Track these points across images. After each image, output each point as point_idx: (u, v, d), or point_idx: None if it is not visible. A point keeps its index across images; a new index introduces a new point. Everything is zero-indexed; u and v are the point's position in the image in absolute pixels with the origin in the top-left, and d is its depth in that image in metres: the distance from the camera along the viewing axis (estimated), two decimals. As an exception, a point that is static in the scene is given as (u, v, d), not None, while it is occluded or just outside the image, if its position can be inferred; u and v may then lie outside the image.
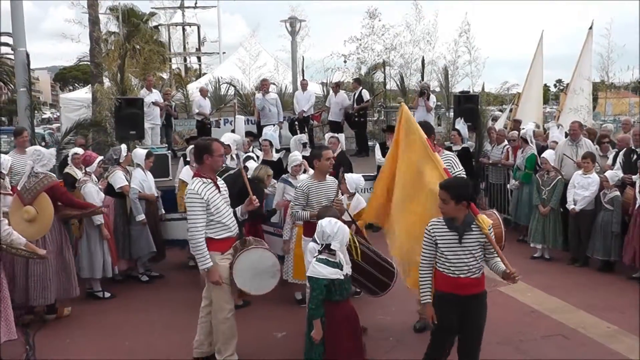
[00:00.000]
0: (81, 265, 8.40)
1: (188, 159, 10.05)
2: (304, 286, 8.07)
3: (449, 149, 10.72)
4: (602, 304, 7.92)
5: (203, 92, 17.20)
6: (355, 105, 16.88)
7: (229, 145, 11.04)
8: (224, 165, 7.90)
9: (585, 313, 7.68)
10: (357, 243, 6.35)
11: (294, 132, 16.50)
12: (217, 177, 6.20)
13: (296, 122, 17.05)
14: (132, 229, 9.08)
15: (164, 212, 9.74)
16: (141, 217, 9.04)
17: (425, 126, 6.77)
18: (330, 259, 5.22)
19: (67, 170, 9.30)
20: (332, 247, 5.19)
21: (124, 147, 9.56)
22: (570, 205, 9.82)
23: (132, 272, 9.53)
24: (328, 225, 5.21)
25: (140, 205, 9.11)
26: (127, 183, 9.02)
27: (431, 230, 5.16)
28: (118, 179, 9.01)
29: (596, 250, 9.57)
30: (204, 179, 5.92)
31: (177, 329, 7.37)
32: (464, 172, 6.89)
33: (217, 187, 6.00)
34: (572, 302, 7.97)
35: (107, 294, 8.66)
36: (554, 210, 10.18)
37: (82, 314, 7.98)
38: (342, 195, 7.41)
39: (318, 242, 5.31)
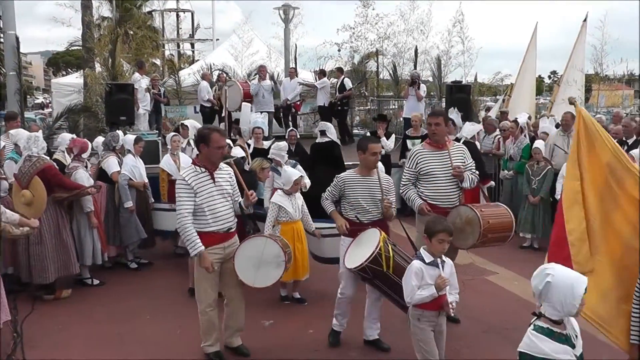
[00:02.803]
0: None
1: (169, 146, 10.01)
2: (289, 283, 7.80)
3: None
4: (589, 293, 7.92)
5: (207, 77, 17.13)
6: (337, 93, 16.89)
7: (187, 126, 11.28)
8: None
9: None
10: (390, 253, 5.68)
11: (278, 120, 16.56)
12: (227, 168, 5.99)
13: (281, 110, 17.09)
14: (121, 215, 9.03)
15: (152, 200, 9.66)
16: (129, 203, 8.97)
17: (442, 114, 6.64)
18: (554, 330, 3.51)
19: (55, 155, 9.25)
20: (543, 312, 3.54)
21: (121, 134, 9.53)
22: (559, 195, 9.79)
23: (121, 259, 9.50)
24: (549, 278, 3.48)
25: (129, 191, 9.05)
26: (119, 169, 8.99)
27: None
28: (112, 164, 8.99)
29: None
30: (198, 168, 5.74)
31: (166, 316, 7.39)
32: (474, 166, 6.76)
33: (212, 178, 5.78)
34: (560, 292, 7.95)
35: (96, 281, 8.62)
36: (544, 200, 10.21)
37: (70, 301, 7.97)
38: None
39: (537, 298, 3.59)
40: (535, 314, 3.55)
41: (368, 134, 12.85)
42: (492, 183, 11.34)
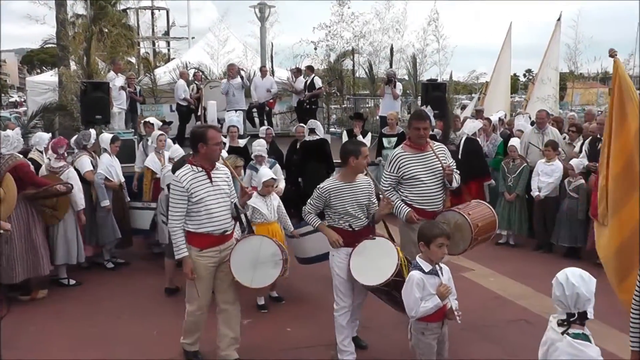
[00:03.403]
0: (56, 252, 8.25)
1: (154, 144, 9.95)
2: (266, 289, 7.39)
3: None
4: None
5: (184, 76, 17.04)
6: (307, 92, 16.91)
7: (152, 124, 11.33)
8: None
9: (549, 298, 7.70)
10: (404, 261, 5.48)
11: (251, 119, 16.52)
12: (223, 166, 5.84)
13: (254, 109, 17.04)
14: (98, 215, 8.97)
15: (129, 199, 9.63)
16: (106, 202, 8.92)
17: (429, 118, 6.50)
18: (586, 333, 3.42)
19: (31, 155, 9.16)
20: (589, 315, 3.42)
21: (93, 132, 9.43)
22: (534, 192, 9.92)
23: (98, 259, 9.42)
24: (581, 281, 3.36)
25: (106, 190, 8.98)
26: (92, 168, 8.91)
27: None
28: (84, 163, 8.91)
29: (561, 238, 9.67)
30: (195, 167, 5.60)
31: (144, 315, 7.37)
32: (456, 165, 6.53)
33: (209, 178, 5.63)
34: (536, 288, 8.04)
35: (73, 281, 8.56)
36: (520, 196, 10.30)
37: (47, 302, 7.91)
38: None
39: (563, 308, 3.52)
40: (569, 322, 3.41)
41: (345, 132, 12.86)
42: (492, 182, 11.29)
